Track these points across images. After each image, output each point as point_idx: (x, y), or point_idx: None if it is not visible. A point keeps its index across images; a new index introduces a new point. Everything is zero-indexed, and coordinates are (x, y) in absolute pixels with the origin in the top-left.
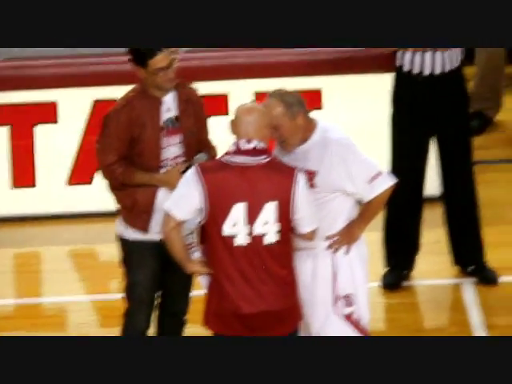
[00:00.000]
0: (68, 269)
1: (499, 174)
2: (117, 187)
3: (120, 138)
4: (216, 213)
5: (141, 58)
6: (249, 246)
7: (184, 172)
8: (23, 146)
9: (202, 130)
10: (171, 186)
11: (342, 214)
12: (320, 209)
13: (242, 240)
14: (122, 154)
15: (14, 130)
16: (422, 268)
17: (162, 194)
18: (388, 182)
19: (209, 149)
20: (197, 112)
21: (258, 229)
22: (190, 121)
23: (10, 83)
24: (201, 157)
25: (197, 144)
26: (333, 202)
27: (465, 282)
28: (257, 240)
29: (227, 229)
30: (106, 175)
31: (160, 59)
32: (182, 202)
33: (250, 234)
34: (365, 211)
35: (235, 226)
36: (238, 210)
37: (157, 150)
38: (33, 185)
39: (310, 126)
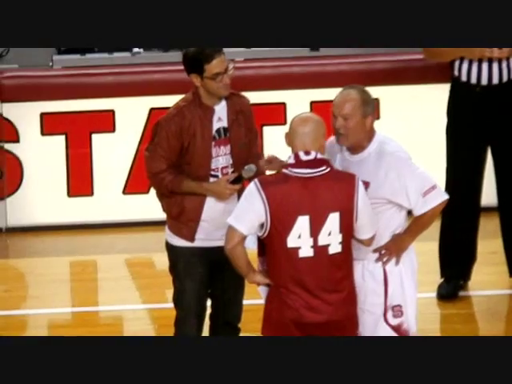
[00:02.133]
0: (125, 277)
1: None
2: (165, 195)
3: (170, 147)
4: (280, 226)
5: (197, 63)
6: (313, 257)
7: (232, 182)
8: (80, 155)
9: (253, 142)
10: (219, 195)
11: (392, 225)
12: None
13: (306, 252)
14: (171, 162)
15: (71, 139)
16: (479, 278)
17: (209, 203)
18: (441, 197)
19: (258, 161)
20: (248, 123)
21: (322, 240)
22: (240, 132)
23: (68, 92)
24: (250, 168)
25: (247, 156)
26: (384, 214)
27: None
28: (321, 251)
29: (292, 241)
30: (155, 183)
31: (216, 64)
32: (245, 216)
33: (315, 245)
34: (415, 224)
35: (300, 238)
36: (302, 223)
37: (206, 159)
38: (90, 194)
39: (371, 134)
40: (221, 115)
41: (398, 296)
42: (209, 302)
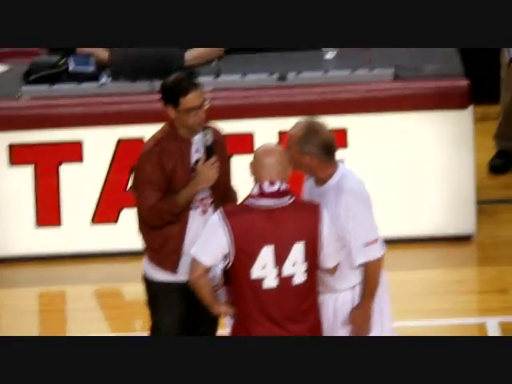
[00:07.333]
0: (93, 308)
1: None
2: (165, 222)
3: (157, 177)
4: (243, 257)
5: (173, 96)
6: (278, 288)
7: (206, 159)
8: (48, 185)
9: (226, 171)
10: (208, 179)
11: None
12: None
13: (270, 282)
14: (161, 192)
15: (39, 169)
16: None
17: (191, 235)
18: (379, 252)
19: (231, 192)
20: (223, 154)
21: (286, 270)
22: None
23: (36, 122)
24: (204, 133)
25: (224, 185)
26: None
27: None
28: (286, 281)
29: (256, 272)
30: (154, 215)
31: (192, 98)
32: (208, 247)
33: (279, 275)
34: (366, 288)
35: (264, 268)
36: (267, 253)
37: None
38: (58, 224)
39: (328, 169)
40: (198, 146)
41: (376, 326)
42: None
